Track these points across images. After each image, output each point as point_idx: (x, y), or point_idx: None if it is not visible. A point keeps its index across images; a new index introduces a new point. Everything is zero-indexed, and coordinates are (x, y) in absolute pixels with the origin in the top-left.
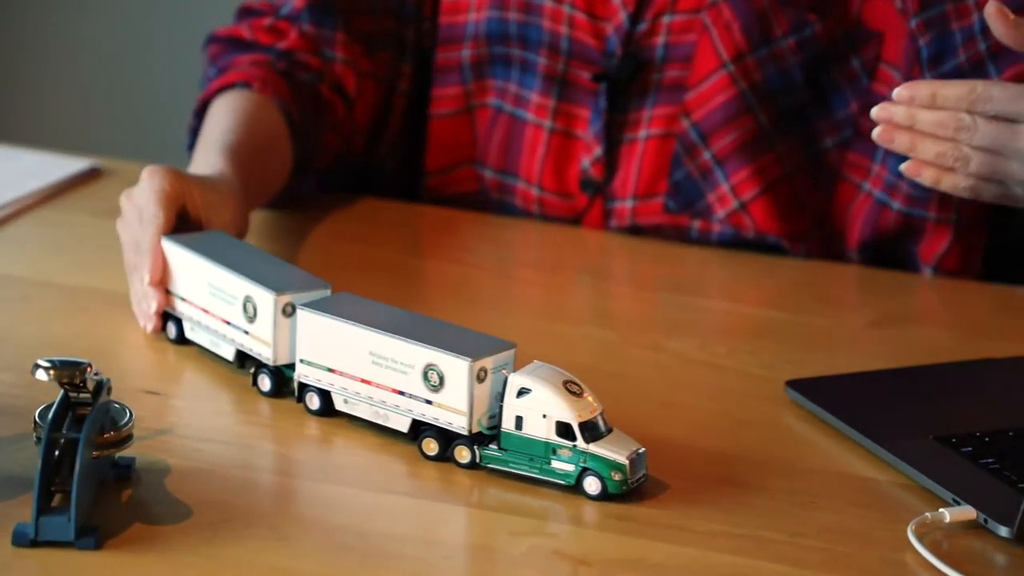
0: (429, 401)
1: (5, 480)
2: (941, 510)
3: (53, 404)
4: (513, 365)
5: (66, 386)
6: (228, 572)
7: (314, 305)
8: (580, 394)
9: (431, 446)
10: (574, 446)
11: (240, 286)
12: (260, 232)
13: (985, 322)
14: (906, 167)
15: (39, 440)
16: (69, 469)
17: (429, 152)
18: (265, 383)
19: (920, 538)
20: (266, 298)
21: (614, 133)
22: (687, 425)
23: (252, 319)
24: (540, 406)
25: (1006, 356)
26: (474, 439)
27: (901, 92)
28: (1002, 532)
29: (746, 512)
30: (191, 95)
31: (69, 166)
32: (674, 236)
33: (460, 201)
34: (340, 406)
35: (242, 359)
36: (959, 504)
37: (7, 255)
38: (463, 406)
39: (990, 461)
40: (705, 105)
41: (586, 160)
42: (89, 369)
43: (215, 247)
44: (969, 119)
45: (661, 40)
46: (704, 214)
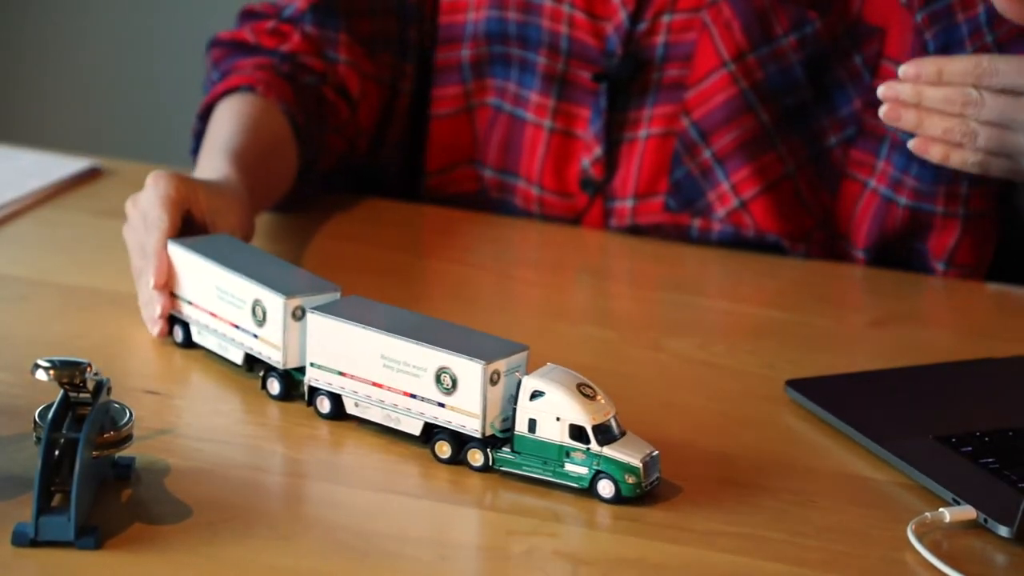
0: (442, 404)
1: (5, 480)
2: (941, 510)
3: (53, 404)
4: (526, 367)
5: (66, 386)
6: (228, 572)
7: (324, 308)
8: (594, 397)
9: (444, 449)
10: (587, 449)
11: (249, 290)
12: (260, 232)
13: (985, 322)
14: (913, 144)
15: (39, 440)
16: (69, 469)
17: (429, 152)
18: (274, 387)
19: (920, 538)
20: (276, 302)
21: (614, 132)
22: (687, 425)
23: (261, 323)
24: (554, 409)
25: (1006, 356)
26: (487, 442)
27: (907, 70)
28: (1002, 532)
29: (746, 512)
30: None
31: (69, 166)
32: (674, 235)
33: (460, 201)
34: (351, 409)
35: (251, 363)
36: (959, 504)
37: (7, 255)
38: (476, 409)
39: (990, 461)
40: (705, 104)
41: (586, 160)
42: (89, 369)
43: (222, 250)
44: (976, 94)
45: (661, 39)
46: (704, 213)
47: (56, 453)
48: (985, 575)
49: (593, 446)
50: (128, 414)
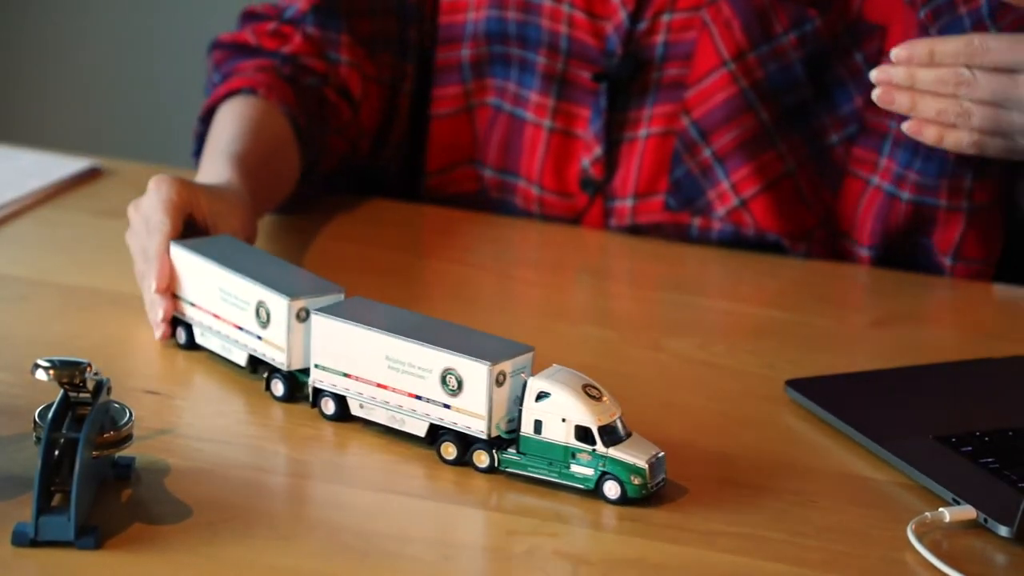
0: (447, 405)
1: (5, 480)
2: (941, 509)
3: (53, 404)
4: (531, 368)
5: (66, 386)
6: (228, 572)
7: (329, 310)
8: (599, 398)
9: (449, 450)
10: (593, 450)
11: (252, 291)
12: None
13: (985, 322)
14: (907, 126)
15: (39, 440)
16: (69, 469)
17: (429, 152)
18: (278, 388)
19: (920, 537)
20: (280, 303)
21: (614, 132)
22: (687, 425)
23: (265, 324)
24: (559, 410)
25: (1006, 356)
26: (493, 443)
27: (899, 52)
28: (1002, 531)
29: (746, 512)
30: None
31: (69, 166)
32: (674, 234)
33: (460, 201)
34: (356, 411)
35: (254, 364)
36: (959, 503)
37: (7, 255)
38: (482, 410)
39: (990, 461)
40: (705, 103)
41: (586, 159)
42: (89, 369)
43: (225, 252)
44: (968, 73)
45: (661, 38)
46: (704, 211)
47: (56, 453)
48: (985, 575)
49: (599, 447)
50: (128, 414)
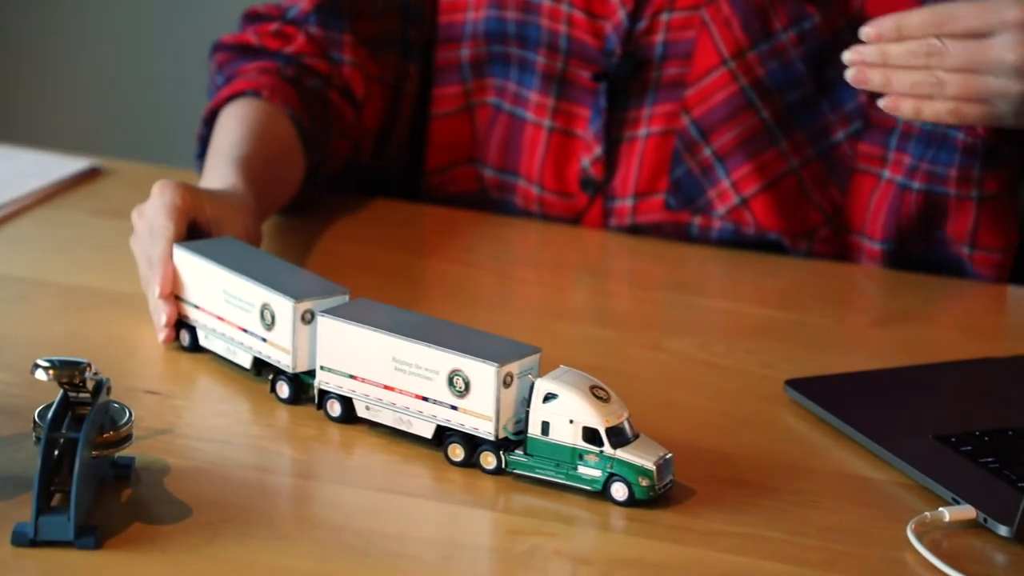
0: (454, 407)
1: (5, 480)
2: (941, 509)
3: (52, 404)
4: (538, 369)
5: (65, 386)
6: (228, 572)
7: (334, 312)
8: (607, 399)
9: (457, 452)
10: (601, 452)
11: (257, 293)
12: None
13: (985, 322)
14: (884, 103)
15: (38, 440)
16: (68, 469)
17: (429, 151)
18: (284, 390)
19: (920, 537)
20: (285, 305)
21: (614, 132)
22: (687, 425)
23: (270, 326)
24: (567, 411)
25: (1006, 356)
26: (500, 444)
27: (868, 31)
28: (1001, 531)
29: (746, 512)
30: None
31: (69, 166)
32: (674, 233)
33: (460, 200)
34: (362, 412)
35: (259, 367)
36: (958, 503)
37: (7, 255)
38: (489, 411)
39: (989, 460)
40: (705, 102)
41: (586, 159)
42: (88, 369)
43: (229, 254)
44: (938, 43)
45: (660, 38)
46: (705, 210)
47: (56, 453)
48: (985, 574)
49: (607, 449)
50: (128, 414)
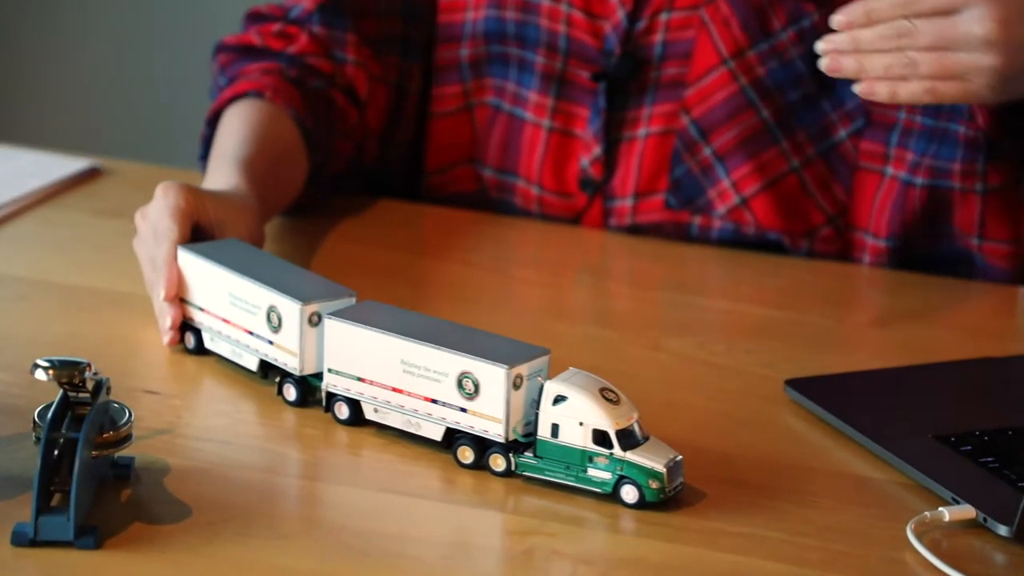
0: (463, 409)
1: (4, 480)
2: (940, 509)
3: (52, 404)
4: (547, 371)
5: (65, 386)
6: (228, 572)
7: (342, 314)
8: (617, 402)
9: (466, 454)
10: (611, 454)
11: (263, 296)
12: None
13: (985, 322)
14: (859, 88)
15: (38, 440)
16: (68, 469)
17: (429, 151)
18: (290, 392)
19: (919, 537)
20: (292, 308)
21: (613, 132)
22: (687, 425)
23: (277, 329)
24: (577, 414)
25: (1006, 356)
26: (509, 447)
27: (839, 19)
28: (1001, 531)
29: (746, 511)
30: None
31: (69, 166)
32: (674, 233)
33: (460, 200)
34: (370, 415)
35: (265, 369)
36: (958, 503)
37: (7, 255)
38: (499, 414)
39: (989, 460)
40: (705, 101)
41: (585, 159)
42: (88, 369)
43: (234, 256)
44: (907, 23)
45: (659, 38)
46: (705, 210)
47: (55, 453)
48: (984, 574)
49: (616, 451)
50: (127, 414)
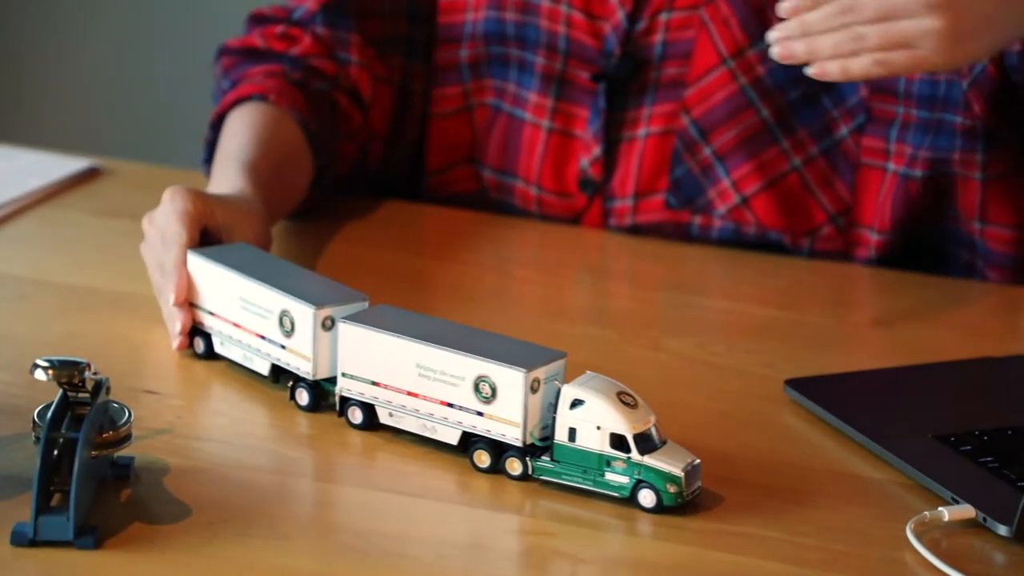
0: (480, 413)
1: (4, 480)
2: (940, 509)
3: (52, 404)
4: (564, 374)
5: (65, 386)
6: (228, 572)
7: (356, 318)
8: (634, 406)
9: (483, 458)
10: (628, 458)
11: (276, 300)
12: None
13: (985, 322)
14: (811, 70)
15: (38, 440)
16: (68, 469)
17: (429, 152)
18: (303, 397)
19: (919, 537)
20: (305, 312)
21: (613, 132)
22: (687, 425)
23: (289, 333)
24: (594, 418)
25: (1006, 356)
26: (525, 451)
27: (785, 7)
28: (1001, 531)
29: (746, 511)
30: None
31: (69, 166)
32: (674, 233)
33: (459, 200)
34: (385, 419)
35: (277, 373)
36: (958, 503)
37: (6, 255)
38: (517, 417)
39: (989, 460)
40: (705, 101)
41: (585, 160)
42: (88, 369)
43: (244, 260)
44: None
45: (659, 38)
46: (705, 210)
47: (55, 453)
48: (984, 574)
49: (634, 455)
50: (127, 414)
